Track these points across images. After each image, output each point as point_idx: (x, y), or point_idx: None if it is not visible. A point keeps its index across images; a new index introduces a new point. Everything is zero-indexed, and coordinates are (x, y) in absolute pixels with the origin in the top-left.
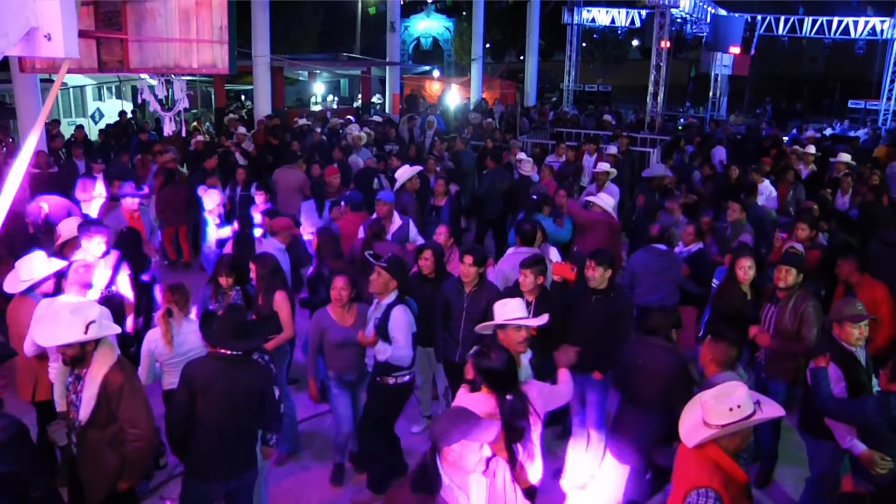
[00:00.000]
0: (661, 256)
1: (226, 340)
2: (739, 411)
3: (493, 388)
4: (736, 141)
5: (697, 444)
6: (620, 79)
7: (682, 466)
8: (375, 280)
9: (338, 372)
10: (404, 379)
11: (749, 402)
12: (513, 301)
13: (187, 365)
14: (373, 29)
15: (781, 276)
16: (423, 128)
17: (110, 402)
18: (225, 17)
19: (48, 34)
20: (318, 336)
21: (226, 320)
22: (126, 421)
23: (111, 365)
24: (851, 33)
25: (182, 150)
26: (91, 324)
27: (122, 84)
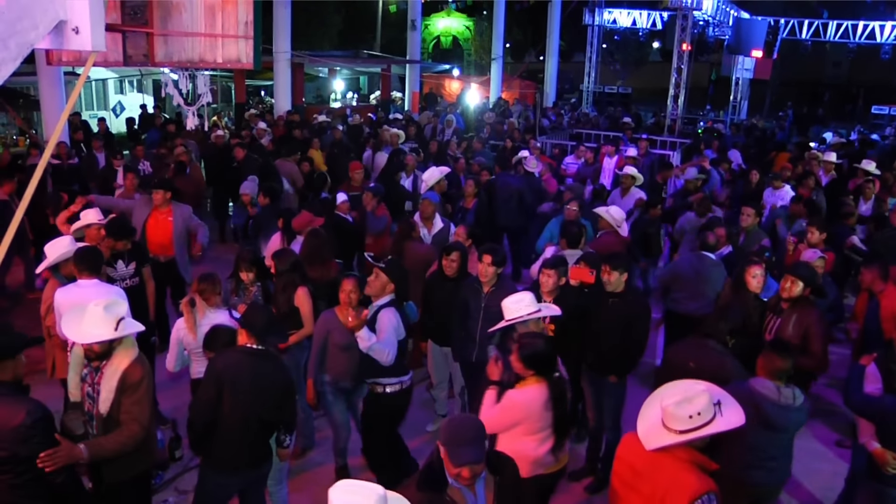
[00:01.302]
0: (713, 266)
1: (258, 328)
2: (700, 418)
3: (542, 374)
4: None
5: (659, 449)
6: (640, 81)
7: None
8: (373, 282)
9: (334, 377)
10: (394, 388)
11: (709, 409)
12: (524, 295)
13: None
14: (393, 27)
15: (787, 286)
16: (443, 126)
17: (124, 394)
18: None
19: (76, 27)
20: (322, 337)
21: (258, 310)
22: (127, 414)
23: (133, 359)
24: (877, 37)
25: (202, 144)
26: (122, 320)
27: (144, 78)
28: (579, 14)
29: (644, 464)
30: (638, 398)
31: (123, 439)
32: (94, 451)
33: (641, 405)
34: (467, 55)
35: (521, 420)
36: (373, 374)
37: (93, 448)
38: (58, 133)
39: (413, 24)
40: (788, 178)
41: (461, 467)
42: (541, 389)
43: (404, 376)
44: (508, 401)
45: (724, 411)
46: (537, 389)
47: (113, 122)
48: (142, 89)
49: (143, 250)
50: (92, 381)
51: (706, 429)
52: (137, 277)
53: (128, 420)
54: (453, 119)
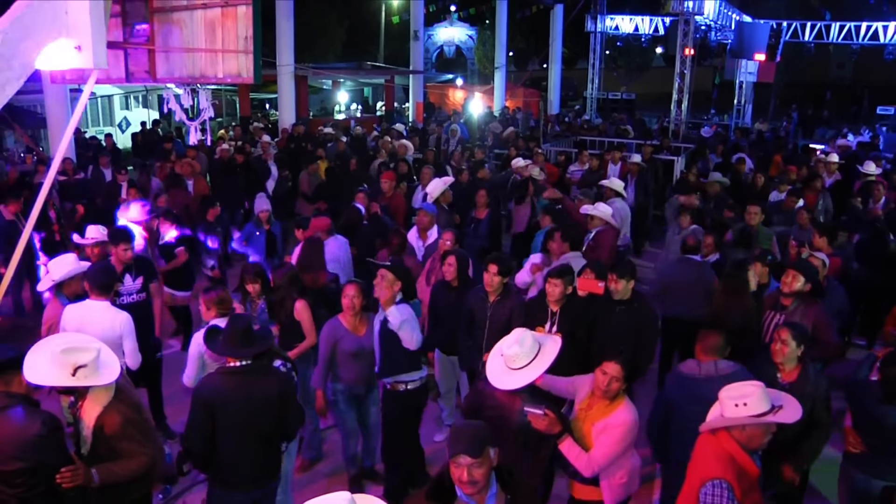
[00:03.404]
0: (697, 267)
1: (234, 349)
2: (745, 409)
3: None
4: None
5: (708, 429)
6: (644, 86)
7: (700, 457)
8: (379, 283)
9: (347, 384)
10: (415, 384)
11: (761, 402)
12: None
13: (200, 384)
14: (396, 38)
15: (788, 280)
16: (448, 136)
17: (109, 441)
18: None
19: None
20: (330, 346)
21: (231, 329)
22: (128, 452)
23: (104, 406)
24: (881, 38)
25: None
26: (80, 368)
27: (149, 93)
28: (582, 21)
29: (697, 450)
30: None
31: (134, 467)
32: (105, 477)
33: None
34: (471, 64)
35: (631, 441)
36: (392, 373)
37: (104, 473)
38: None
39: (416, 35)
40: (794, 181)
41: (454, 457)
42: (631, 405)
43: (422, 372)
44: (619, 424)
45: (780, 412)
46: (630, 405)
47: (119, 138)
48: (147, 105)
49: (151, 265)
50: (73, 414)
51: (756, 419)
52: (145, 293)
53: (133, 454)
54: (458, 129)
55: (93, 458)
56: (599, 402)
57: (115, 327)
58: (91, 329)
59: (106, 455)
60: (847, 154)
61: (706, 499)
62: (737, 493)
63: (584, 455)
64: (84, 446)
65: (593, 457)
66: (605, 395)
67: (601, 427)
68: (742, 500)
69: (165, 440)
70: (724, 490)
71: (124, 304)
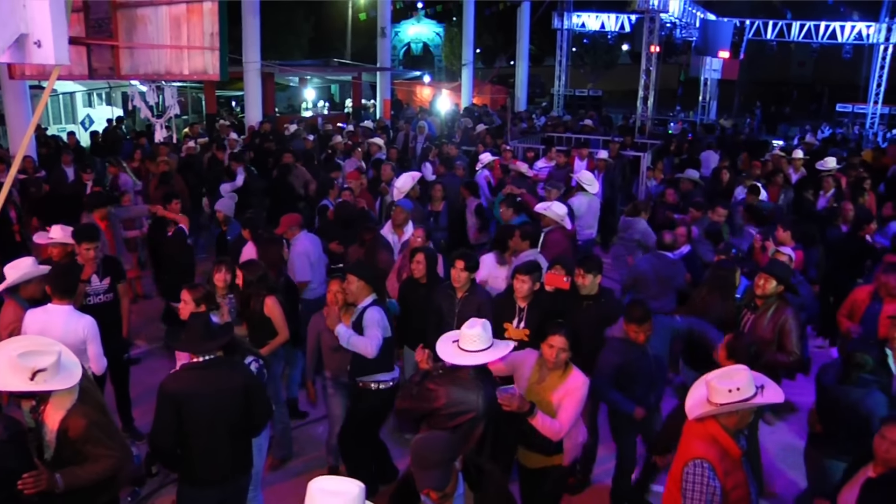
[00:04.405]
0: (671, 264)
1: (195, 345)
2: (738, 393)
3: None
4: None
5: (697, 417)
6: (611, 83)
7: (685, 440)
8: (347, 287)
9: (333, 373)
10: (387, 384)
11: (750, 386)
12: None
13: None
14: (363, 35)
15: (760, 284)
16: (415, 133)
17: (74, 445)
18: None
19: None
20: (314, 339)
21: (192, 325)
22: (93, 456)
23: (67, 410)
24: (838, 38)
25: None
26: (40, 372)
27: (113, 90)
28: (548, 18)
29: (683, 435)
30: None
31: (100, 470)
32: (69, 482)
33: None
34: (438, 61)
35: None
36: (365, 372)
37: (68, 478)
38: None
39: (383, 32)
40: (758, 176)
41: (424, 491)
42: (580, 373)
43: (395, 372)
44: (576, 388)
45: (765, 392)
46: (581, 373)
47: (82, 136)
48: (111, 102)
49: (118, 265)
50: (35, 419)
51: (747, 403)
52: (112, 293)
53: (98, 457)
54: (425, 126)
55: (57, 462)
56: (552, 374)
57: (79, 332)
58: (53, 334)
59: (70, 459)
60: (812, 150)
61: (688, 477)
62: (718, 472)
63: (554, 423)
64: (47, 451)
65: (562, 422)
66: (556, 366)
67: (561, 394)
68: (724, 480)
69: (133, 442)
70: (705, 469)
71: (91, 305)
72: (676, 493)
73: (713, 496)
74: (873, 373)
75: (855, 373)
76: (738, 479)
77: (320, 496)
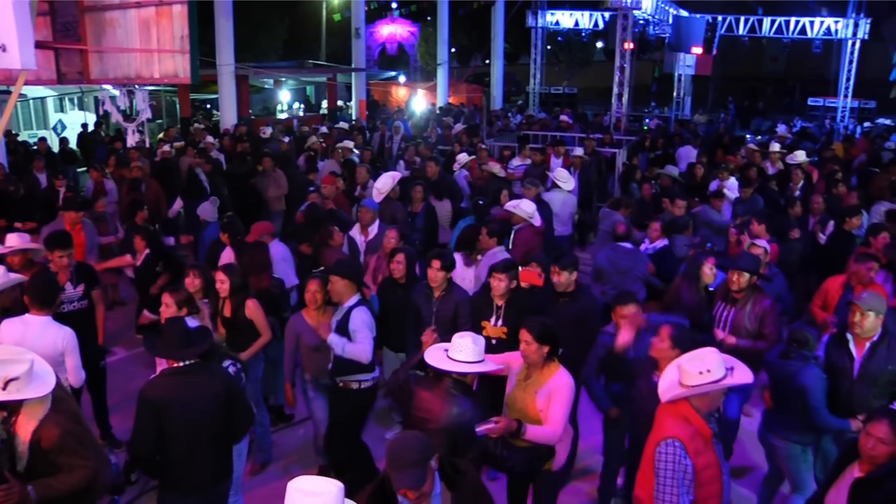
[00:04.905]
0: (627, 255)
1: (173, 351)
2: (709, 375)
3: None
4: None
5: (669, 400)
6: (586, 80)
7: (658, 422)
8: (332, 288)
9: (314, 375)
10: (368, 384)
11: (720, 368)
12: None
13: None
14: (338, 35)
15: (734, 279)
16: (391, 133)
17: (47, 456)
18: (186, 26)
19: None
20: (293, 340)
21: (168, 331)
22: (67, 467)
23: (40, 419)
24: (808, 33)
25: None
26: (12, 381)
27: (85, 95)
28: (523, 16)
29: (657, 417)
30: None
31: (75, 481)
32: (42, 493)
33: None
34: (413, 61)
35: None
36: (344, 372)
37: (41, 490)
38: None
39: (357, 32)
40: (733, 170)
41: (399, 491)
42: (566, 370)
43: (375, 372)
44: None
45: (734, 374)
46: (565, 370)
47: (54, 142)
48: (83, 107)
49: (92, 271)
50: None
51: (717, 384)
52: (87, 300)
53: (72, 468)
54: (401, 126)
55: (30, 474)
56: (537, 372)
57: (58, 343)
58: (31, 345)
59: (44, 471)
60: (787, 144)
61: (660, 457)
62: (689, 451)
63: (545, 430)
64: (20, 463)
65: (553, 425)
66: (534, 362)
67: (545, 392)
68: (695, 459)
69: (111, 449)
70: (676, 448)
71: (65, 312)
72: (650, 472)
73: (685, 474)
74: (813, 350)
75: (794, 348)
76: (710, 459)
77: (299, 497)
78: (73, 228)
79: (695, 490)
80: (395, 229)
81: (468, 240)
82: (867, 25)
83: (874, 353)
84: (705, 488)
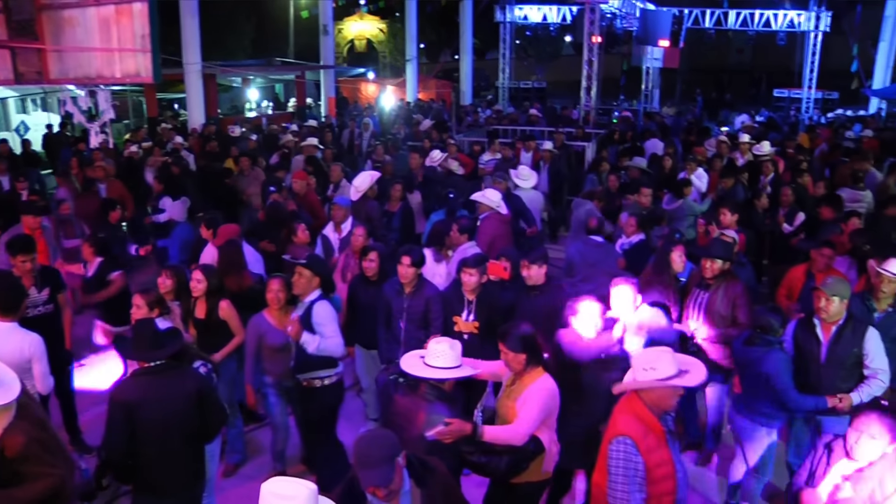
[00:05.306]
0: (597, 248)
1: (144, 353)
2: (654, 372)
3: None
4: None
5: (616, 391)
6: (555, 74)
7: (612, 419)
8: (297, 280)
9: (276, 378)
10: (332, 380)
11: (667, 367)
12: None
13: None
14: (306, 33)
15: (707, 266)
16: (360, 130)
17: (12, 465)
18: (147, 25)
19: None
20: (255, 341)
21: (139, 333)
22: (33, 474)
23: (5, 428)
24: (772, 25)
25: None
26: None
27: (49, 96)
28: (491, 11)
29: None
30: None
31: (41, 489)
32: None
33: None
34: (382, 58)
35: (552, 409)
36: (308, 369)
37: (5, 501)
38: None
39: (325, 29)
40: (701, 161)
41: (367, 489)
42: (548, 376)
43: (338, 367)
44: (537, 391)
45: (686, 376)
46: (547, 376)
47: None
48: (47, 108)
49: (57, 275)
50: None
51: (662, 382)
52: (52, 304)
53: (38, 476)
54: (370, 122)
55: None
56: (521, 378)
57: (24, 350)
58: None
59: (9, 480)
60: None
61: (612, 454)
62: (640, 448)
63: (508, 429)
64: None
65: (516, 426)
66: (516, 370)
67: (523, 399)
68: (646, 456)
69: (82, 455)
70: (627, 445)
71: (31, 317)
72: (605, 469)
73: (636, 472)
74: (777, 335)
75: (758, 334)
76: (663, 457)
77: (272, 499)
78: (33, 233)
79: (648, 487)
80: (362, 227)
81: (439, 235)
82: (828, 18)
83: (840, 336)
84: (658, 485)
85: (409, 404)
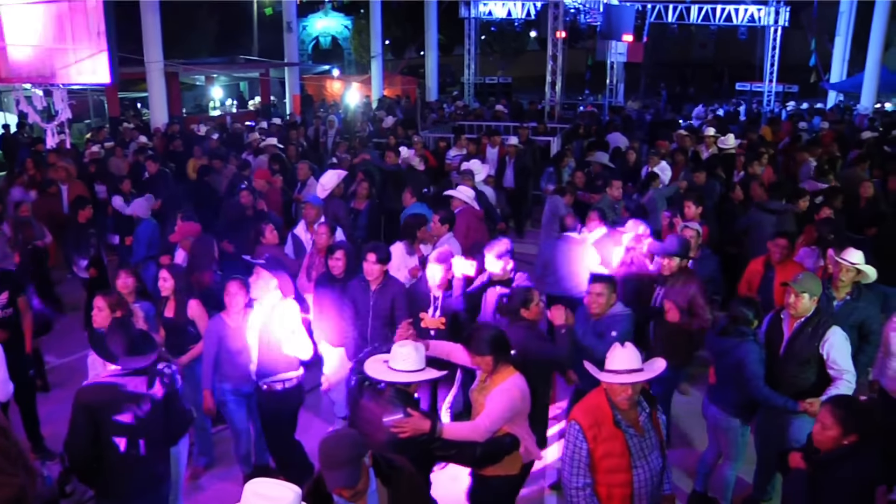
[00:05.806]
0: (574, 245)
1: (132, 355)
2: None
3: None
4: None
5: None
6: (520, 70)
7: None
8: (255, 281)
9: (235, 384)
10: (292, 383)
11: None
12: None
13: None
14: (270, 30)
15: (665, 264)
16: (325, 128)
17: None
18: (102, 22)
19: None
20: (214, 345)
21: (115, 334)
22: None
23: None
24: (734, 20)
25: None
26: None
27: (4, 95)
28: (456, 7)
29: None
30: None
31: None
32: None
33: None
34: (347, 54)
35: (520, 408)
36: (272, 373)
37: None
38: None
39: (289, 26)
40: (664, 155)
41: (336, 490)
42: (519, 375)
43: (300, 370)
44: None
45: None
46: (518, 375)
47: None
48: (3, 108)
49: (15, 278)
50: None
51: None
52: (11, 308)
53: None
54: (335, 120)
55: None
56: (492, 376)
57: None
58: None
59: None
60: None
61: (565, 436)
62: (588, 436)
63: (468, 426)
64: None
65: (478, 422)
66: (486, 371)
67: (491, 396)
68: (593, 444)
69: (44, 461)
70: (576, 431)
71: None
72: None
73: (580, 457)
74: (750, 326)
75: (732, 325)
76: (613, 449)
77: (256, 500)
78: None
79: (597, 475)
80: (324, 225)
81: (410, 229)
82: (787, 13)
83: (800, 332)
84: (607, 476)
85: (375, 408)
